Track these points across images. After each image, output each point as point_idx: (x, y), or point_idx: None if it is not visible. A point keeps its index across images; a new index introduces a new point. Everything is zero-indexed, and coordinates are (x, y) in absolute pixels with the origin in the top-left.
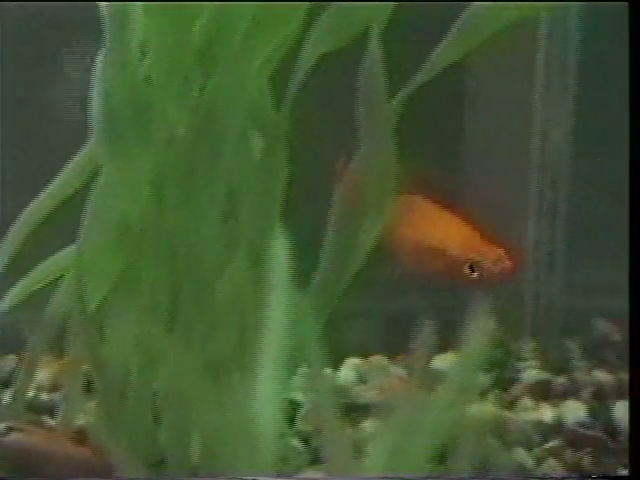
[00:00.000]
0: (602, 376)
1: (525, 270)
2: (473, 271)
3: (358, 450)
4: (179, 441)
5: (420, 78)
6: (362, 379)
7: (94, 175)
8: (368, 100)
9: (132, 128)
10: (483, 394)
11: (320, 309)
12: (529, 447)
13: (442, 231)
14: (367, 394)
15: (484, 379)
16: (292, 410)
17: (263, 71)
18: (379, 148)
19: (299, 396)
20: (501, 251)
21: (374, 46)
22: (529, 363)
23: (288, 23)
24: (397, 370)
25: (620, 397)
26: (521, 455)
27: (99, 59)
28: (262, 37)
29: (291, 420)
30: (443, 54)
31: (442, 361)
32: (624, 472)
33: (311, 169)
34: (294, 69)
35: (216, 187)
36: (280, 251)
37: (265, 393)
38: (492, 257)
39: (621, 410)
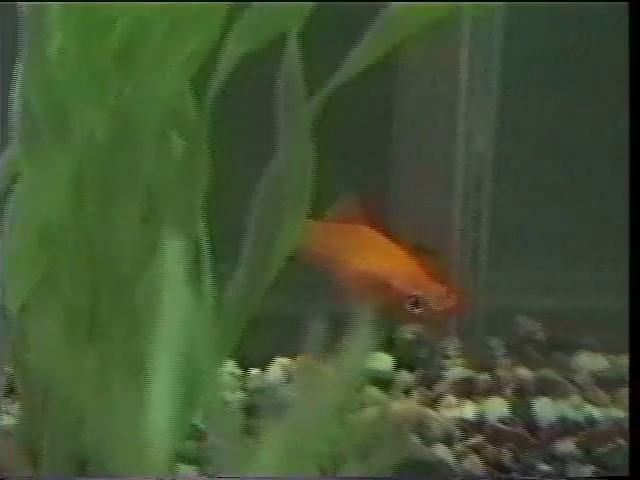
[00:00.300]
0: (524, 373)
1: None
2: (416, 307)
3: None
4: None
5: (337, 79)
6: (290, 379)
7: (14, 178)
8: (286, 101)
9: (50, 131)
10: (407, 392)
11: (239, 311)
12: (450, 443)
13: (389, 264)
14: (293, 393)
15: (406, 377)
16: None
17: (183, 72)
18: (297, 149)
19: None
20: (445, 289)
21: (292, 46)
22: (454, 361)
23: (208, 25)
24: (323, 369)
25: (541, 393)
26: (442, 451)
27: (19, 62)
28: (181, 39)
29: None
30: (360, 54)
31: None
32: (624, 473)
33: (233, 170)
34: (215, 70)
35: (135, 189)
36: (172, 252)
37: (155, 396)
38: (436, 294)
39: (541, 406)
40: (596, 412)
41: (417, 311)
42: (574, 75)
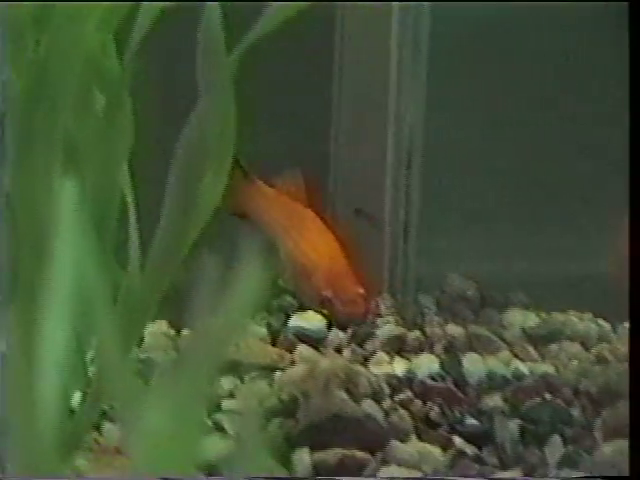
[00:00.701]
0: (455, 330)
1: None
2: (324, 306)
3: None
4: None
5: (255, 34)
6: None
7: None
8: (207, 55)
9: None
10: (339, 350)
11: (162, 267)
12: (379, 400)
13: (315, 256)
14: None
15: (339, 335)
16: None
17: (104, 27)
18: (218, 103)
19: None
20: (356, 293)
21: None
22: (386, 319)
23: None
24: (256, 330)
25: (470, 349)
26: (370, 407)
27: None
28: None
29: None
30: (275, 11)
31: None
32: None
33: (155, 124)
34: (135, 24)
35: (53, 142)
36: (67, 199)
37: (45, 361)
38: (344, 298)
39: (470, 362)
40: (524, 368)
41: (324, 310)
42: (503, 49)
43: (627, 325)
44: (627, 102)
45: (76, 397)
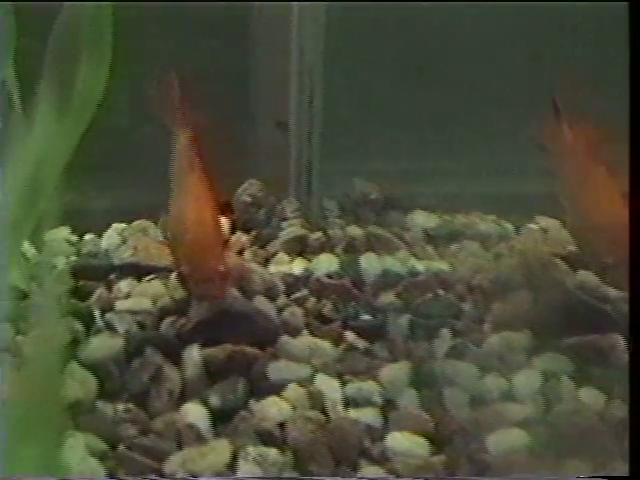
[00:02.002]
0: (355, 231)
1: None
2: (180, 280)
3: None
4: None
5: None
6: (124, 241)
7: None
8: None
9: None
10: (241, 252)
11: (49, 163)
12: (273, 297)
13: (183, 227)
14: (125, 254)
15: (242, 238)
16: None
17: None
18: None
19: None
20: (214, 272)
21: None
22: (290, 222)
23: None
24: (157, 232)
25: (370, 250)
26: (262, 303)
27: None
28: None
29: None
30: None
31: None
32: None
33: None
34: None
35: None
36: None
37: None
38: (198, 278)
39: (367, 261)
40: (420, 265)
41: (180, 284)
42: None
43: (532, 226)
44: (627, 102)
45: None
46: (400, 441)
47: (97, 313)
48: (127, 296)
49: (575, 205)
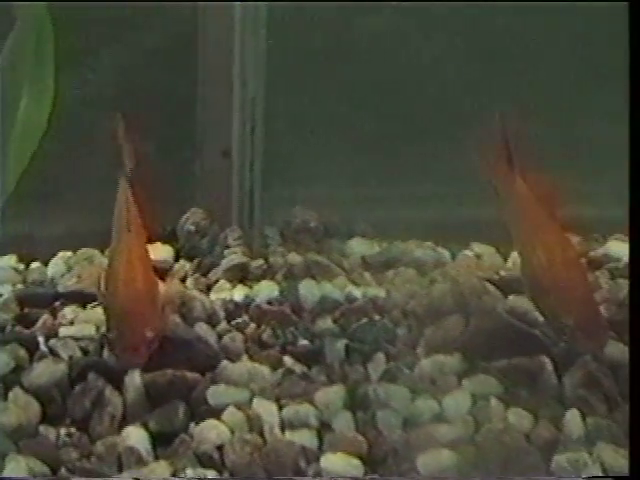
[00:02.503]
0: (295, 258)
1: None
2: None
3: None
4: None
5: None
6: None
7: None
8: None
9: None
10: (184, 279)
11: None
12: (213, 323)
13: (117, 295)
14: (69, 282)
15: (184, 265)
16: None
17: None
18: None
19: None
20: (140, 339)
21: None
22: (233, 250)
23: None
24: (103, 260)
25: (308, 276)
26: (203, 330)
27: None
28: None
29: None
30: None
31: None
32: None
33: None
34: None
35: None
36: None
37: None
38: (123, 346)
39: (306, 287)
40: (356, 291)
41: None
42: None
43: (466, 252)
44: (627, 102)
45: None
46: (334, 462)
47: (41, 339)
48: (71, 323)
49: (529, 262)
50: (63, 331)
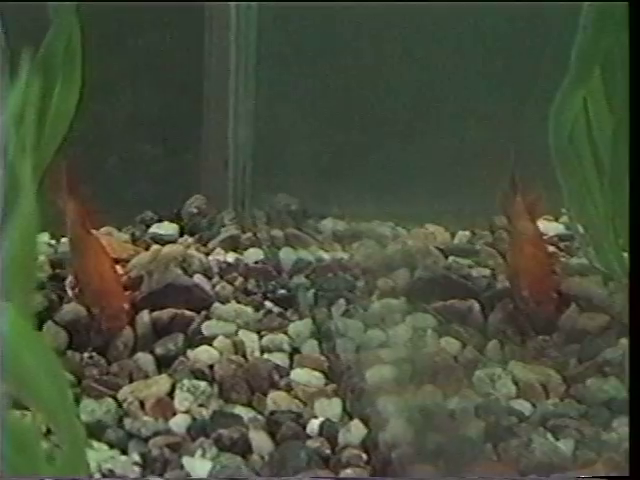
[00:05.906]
0: (278, 233)
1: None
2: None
3: None
4: None
5: None
6: None
7: None
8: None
9: None
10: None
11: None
12: (209, 276)
13: (90, 277)
14: None
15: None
16: None
17: None
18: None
19: None
20: (120, 309)
21: None
22: (228, 227)
23: None
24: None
25: (287, 245)
26: (200, 279)
27: None
28: None
29: None
30: None
31: None
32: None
33: None
34: None
35: None
36: None
37: None
38: (108, 314)
39: (285, 253)
40: (325, 255)
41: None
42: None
43: (421, 229)
44: (627, 102)
45: None
46: (301, 375)
47: (69, 290)
48: None
49: (516, 287)
50: None
